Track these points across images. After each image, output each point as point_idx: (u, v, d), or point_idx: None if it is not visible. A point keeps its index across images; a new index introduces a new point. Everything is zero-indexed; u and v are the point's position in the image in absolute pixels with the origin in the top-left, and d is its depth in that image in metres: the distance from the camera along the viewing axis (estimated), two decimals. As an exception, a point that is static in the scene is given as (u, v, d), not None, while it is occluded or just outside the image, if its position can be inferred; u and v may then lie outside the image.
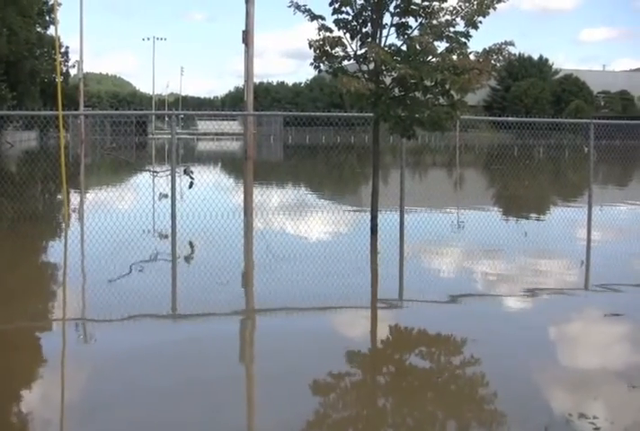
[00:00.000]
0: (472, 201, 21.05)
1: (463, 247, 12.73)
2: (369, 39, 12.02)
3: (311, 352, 6.66)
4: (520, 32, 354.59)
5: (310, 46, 11.97)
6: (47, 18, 63.89)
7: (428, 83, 11.51)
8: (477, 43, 11.98)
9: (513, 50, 11.90)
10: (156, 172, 16.84)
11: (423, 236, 13.18)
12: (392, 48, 11.92)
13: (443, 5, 11.76)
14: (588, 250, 12.71)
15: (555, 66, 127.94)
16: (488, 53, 11.56)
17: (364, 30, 12.12)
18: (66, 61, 73.43)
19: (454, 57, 11.52)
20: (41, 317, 8.16)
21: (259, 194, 17.10)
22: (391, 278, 10.19)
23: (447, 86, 11.55)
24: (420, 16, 11.91)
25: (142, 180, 23.68)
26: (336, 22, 12.11)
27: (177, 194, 14.03)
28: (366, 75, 12.01)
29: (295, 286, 9.33)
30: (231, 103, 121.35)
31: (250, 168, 15.23)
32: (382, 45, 11.91)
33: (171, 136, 14.74)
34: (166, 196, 14.79)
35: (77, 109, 55.24)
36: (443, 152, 42.90)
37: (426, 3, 11.81)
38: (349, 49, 12.09)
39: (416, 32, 11.89)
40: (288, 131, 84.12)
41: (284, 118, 75.79)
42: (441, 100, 11.90)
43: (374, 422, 5.29)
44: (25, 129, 46.65)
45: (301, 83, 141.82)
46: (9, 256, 11.47)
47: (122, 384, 5.77)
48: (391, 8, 11.97)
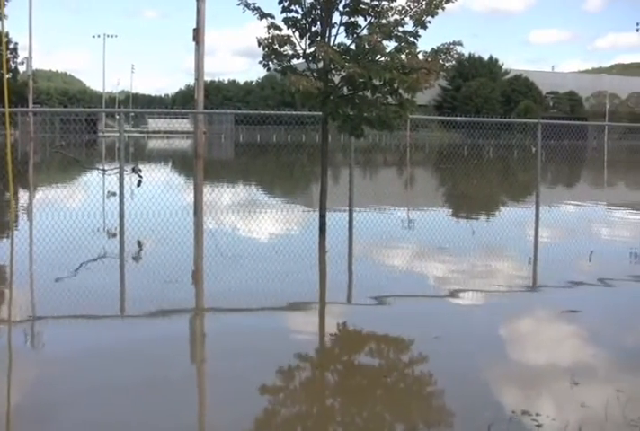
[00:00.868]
0: (422, 200, 21.19)
1: (412, 246, 12.79)
2: (319, 37, 12.02)
3: (260, 351, 6.63)
4: (471, 33, 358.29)
5: (259, 44, 11.94)
6: (-6, 14, 62.91)
7: (376, 82, 11.54)
8: (429, 43, 12.09)
9: (462, 50, 11.98)
10: (105, 170, 16.68)
11: (372, 235, 13.23)
12: (341, 47, 11.93)
13: (392, 5, 11.79)
14: (535, 248, 12.86)
15: (504, 67, 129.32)
16: (437, 53, 11.62)
17: (313, 28, 12.12)
18: (14, 58, 72.58)
19: (403, 57, 11.56)
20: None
21: (209, 193, 17.01)
22: (339, 277, 10.20)
23: (395, 85, 11.60)
24: (369, 15, 11.93)
25: (91, 179, 23.49)
26: (285, 21, 12.10)
27: (126, 192, 13.95)
28: (315, 74, 12.02)
29: (243, 285, 9.29)
30: (182, 101, 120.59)
31: (200, 166, 15.11)
32: (331, 44, 11.91)
33: (119, 134, 14.65)
34: (114, 194, 14.70)
35: (26, 106, 54.57)
36: (394, 151, 43.05)
37: (375, 2, 11.84)
38: (298, 48, 12.08)
39: (365, 31, 11.91)
40: (238, 130, 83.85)
41: (235, 116, 75.48)
42: (390, 99, 11.96)
43: (323, 420, 5.30)
44: (-30, 127, 45.89)
45: (252, 81, 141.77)
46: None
47: (68, 385, 5.72)
48: (340, 7, 11.98)
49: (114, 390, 5.60)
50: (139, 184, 14.74)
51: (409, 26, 11.76)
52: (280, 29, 12.06)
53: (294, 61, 12.35)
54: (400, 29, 11.72)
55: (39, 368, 6.15)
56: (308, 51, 12.05)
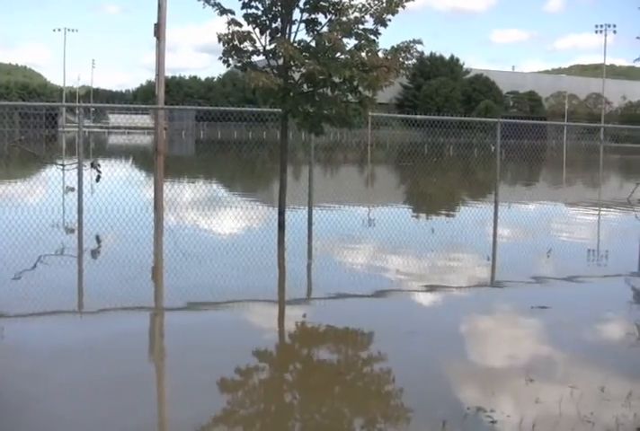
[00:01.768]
0: (382, 198, 21.25)
1: (371, 244, 12.82)
2: (279, 34, 12.01)
3: (219, 348, 6.62)
4: (433, 32, 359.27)
5: (219, 40, 11.90)
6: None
7: (336, 79, 11.54)
8: (390, 42, 12.08)
9: (422, 49, 12.05)
10: (64, 166, 16.54)
11: (332, 232, 13.25)
12: (301, 44, 11.93)
13: (353, 2, 11.82)
14: (494, 246, 12.96)
15: (465, 66, 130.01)
16: (396, 51, 11.65)
17: (274, 25, 12.11)
18: (-28, 51, 71.71)
19: (363, 55, 11.58)
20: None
21: (169, 189, 16.93)
22: (298, 274, 10.20)
23: (355, 83, 11.61)
24: (329, 13, 11.94)
25: (50, 174, 23.26)
26: (246, 17, 12.07)
27: (85, 188, 13.85)
28: (275, 71, 12.01)
29: (202, 281, 9.27)
30: (143, 97, 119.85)
31: (160, 162, 15.02)
32: (291, 41, 11.91)
33: (78, 129, 14.54)
34: (73, 189, 14.58)
35: (-16, 100, 53.89)
36: (355, 149, 43.11)
37: (336, 0, 11.86)
38: (258, 44, 12.07)
39: (325, 29, 11.92)
40: (200, 126, 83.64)
41: (196, 112, 75.30)
42: (350, 96, 11.97)
43: (281, 417, 5.30)
44: None
45: (214, 78, 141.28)
46: None
47: (26, 382, 5.67)
48: (301, 4, 11.98)
49: (69, 387, 5.56)
50: (98, 179, 14.65)
51: (369, 24, 11.83)
52: (241, 25, 12.04)
53: (254, 57, 12.34)
54: (360, 26, 11.75)
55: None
56: (268, 48, 12.05)
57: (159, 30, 15.24)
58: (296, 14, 12.09)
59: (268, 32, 12.12)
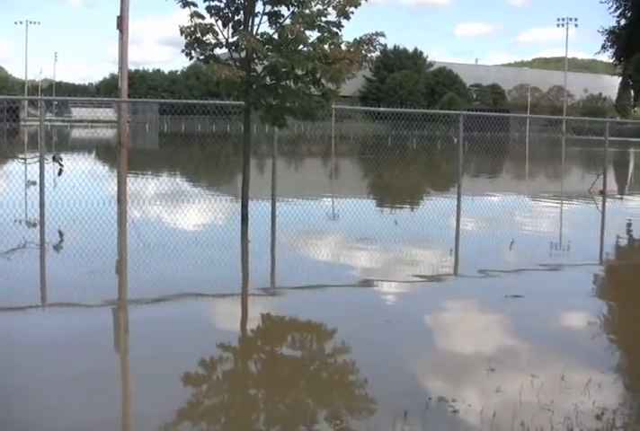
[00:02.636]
0: (345, 191, 21.27)
1: (335, 236, 12.87)
2: (242, 27, 11.99)
3: (184, 341, 6.61)
4: (397, 25, 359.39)
5: (181, 32, 11.85)
6: None
7: (299, 72, 11.55)
8: (354, 35, 12.07)
9: (384, 41, 12.10)
10: (25, 159, 16.44)
11: (295, 225, 13.26)
12: (264, 37, 11.92)
13: (316, -5, 11.82)
14: (457, 238, 13.03)
15: (429, 59, 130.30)
16: (359, 43, 11.68)
17: (236, 17, 12.09)
18: None
19: (325, 47, 11.60)
20: None
21: (133, 182, 16.86)
22: (261, 267, 10.21)
23: (318, 75, 11.63)
24: (292, 5, 11.92)
25: (11, 168, 23.09)
26: (208, 9, 12.04)
27: (47, 181, 13.75)
28: (237, 63, 11.99)
29: (165, 275, 9.23)
30: (106, 90, 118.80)
31: (123, 156, 14.95)
32: (254, 33, 11.91)
33: (40, 123, 14.45)
34: (34, 183, 14.48)
35: (-55, 93, 53.29)
36: (319, 141, 43.11)
37: (298, -8, 11.86)
38: (221, 37, 12.05)
39: (288, 21, 11.91)
40: (163, 119, 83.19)
41: (160, 106, 74.93)
42: (313, 89, 11.98)
43: (246, 410, 5.31)
44: None
45: (177, 71, 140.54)
46: None
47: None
48: (264, -4, 11.97)
49: (32, 382, 5.54)
50: (60, 173, 14.55)
51: (332, 16, 11.83)
52: (203, 17, 12.00)
53: (217, 50, 12.29)
54: (323, 19, 11.76)
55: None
56: (231, 40, 12.04)
57: (122, 22, 15.15)
58: (258, 7, 12.10)
59: (230, 25, 12.10)
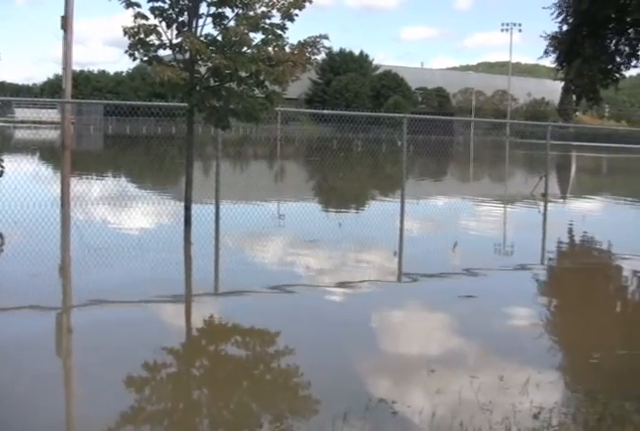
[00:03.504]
0: (290, 193, 21.28)
1: (278, 238, 12.86)
2: (185, 28, 11.94)
3: (127, 345, 6.56)
4: (344, 28, 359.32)
5: (125, 33, 11.74)
6: None
7: (243, 73, 11.54)
8: (301, 37, 12.08)
9: (329, 44, 12.10)
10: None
11: (239, 227, 13.23)
12: (208, 38, 11.89)
13: (260, -3, 11.81)
14: (400, 240, 13.09)
15: (375, 62, 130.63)
16: (303, 45, 11.70)
17: (180, 18, 12.03)
18: None
19: (269, 49, 11.61)
20: None
21: (76, 184, 16.69)
22: (204, 270, 10.18)
23: (262, 77, 11.62)
24: (236, 7, 11.91)
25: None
26: (152, 10, 11.95)
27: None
28: (181, 65, 11.94)
29: (107, 278, 9.16)
30: (50, 91, 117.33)
31: (67, 158, 14.78)
32: (198, 35, 11.86)
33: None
34: (-26, 186, 14.27)
35: None
36: (264, 144, 43.07)
37: (243, -6, 11.85)
38: (164, 38, 11.96)
39: (232, 23, 11.89)
40: (108, 121, 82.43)
41: (105, 107, 74.15)
42: (256, 91, 11.97)
43: (189, 414, 5.29)
44: None
45: (123, 72, 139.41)
46: None
47: None
48: (208, -2, 11.94)
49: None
50: (1, 175, 14.37)
51: (276, 18, 11.83)
52: (147, 18, 11.91)
53: (161, 51, 12.22)
54: (267, 21, 11.76)
55: None
56: (175, 41, 11.96)
57: (66, 22, 14.99)
58: (203, 8, 12.06)
59: (174, 26, 12.03)
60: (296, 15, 11.87)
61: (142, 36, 11.83)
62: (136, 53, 12.12)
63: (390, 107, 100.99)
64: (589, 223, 16.24)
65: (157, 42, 11.99)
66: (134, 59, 12.38)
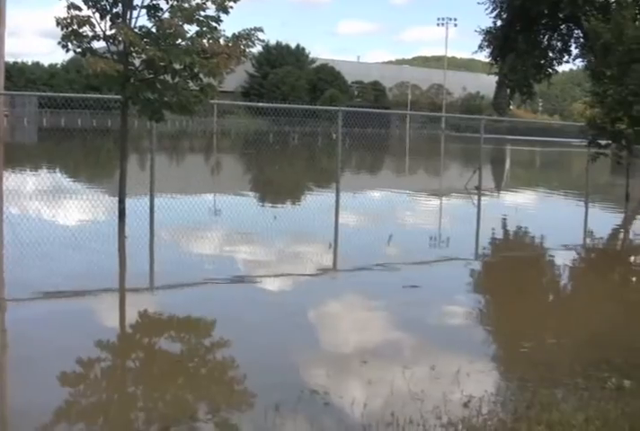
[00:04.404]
0: (225, 186, 21.24)
1: (214, 231, 12.85)
2: (119, 19, 11.82)
3: (63, 338, 6.52)
4: (281, 21, 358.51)
5: (58, 24, 11.59)
6: None
7: (177, 66, 11.47)
8: (236, 29, 12.05)
9: (263, 36, 12.08)
10: None
11: (173, 221, 13.15)
12: (142, 30, 11.79)
13: (194, -11, 11.75)
14: (335, 233, 13.15)
15: (312, 56, 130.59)
16: (238, 38, 11.68)
17: (114, 10, 11.88)
18: None
19: (204, 42, 11.57)
20: None
21: (9, 178, 16.49)
22: (139, 263, 10.12)
23: (196, 70, 11.58)
24: (171, -1, 11.85)
25: None
26: (85, 1, 11.79)
27: None
28: (115, 57, 11.84)
29: (40, 272, 9.07)
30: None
31: (0, 151, 14.59)
32: (132, 26, 11.76)
33: None
34: None
35: None
36: (201, 137, 42.86)
37: (177, -15, 11.77)
38: (98, 29, 11.81)
39: (167, 15, 11.82)
40: (42, 113, 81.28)
41: (39, 99, 73.10)
42: (191, 83, 11.92)
43: (124, 406, 5.27)
44: None
45: (57, 64, 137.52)
46: None
47: None
48: (142, -12, 11.84)
49: None
50: None
51: (211, 11, 11.78)
52: (81, 9, 11.76)
53: (95, 43, 12.07)
54: (202, 13, 11.70)
55: None
56: (109, 33, 11.82)
57: (-1, 13, 14.79)
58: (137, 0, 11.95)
59: (108, 17, 11.88)
60: (231, 8, 11.85)
61: (75, 27, 11.67)
62: (69, 44, 11.96)
63: (326, 100, 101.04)
64: (521, 215, 16.46)
65: (91, 34, 11.83)
66: (67, 51, 12.22)
